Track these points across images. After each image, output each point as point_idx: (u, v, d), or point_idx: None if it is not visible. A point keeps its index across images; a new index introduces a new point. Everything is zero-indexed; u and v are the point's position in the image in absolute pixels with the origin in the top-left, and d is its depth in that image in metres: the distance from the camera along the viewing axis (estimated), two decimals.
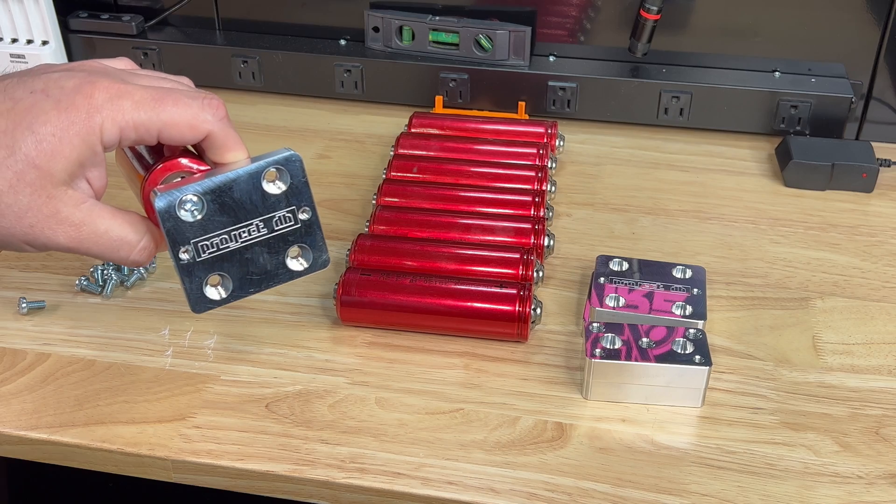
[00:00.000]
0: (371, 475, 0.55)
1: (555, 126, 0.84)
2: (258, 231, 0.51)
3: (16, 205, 0.47)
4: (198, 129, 0.49)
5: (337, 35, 0.94)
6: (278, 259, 0.52)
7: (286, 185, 0.51)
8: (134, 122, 0.47)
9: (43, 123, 0.46)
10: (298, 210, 0.52)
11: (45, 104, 0.47)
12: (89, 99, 0.47)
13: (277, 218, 0.51)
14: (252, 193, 0.50)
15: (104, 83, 0.48)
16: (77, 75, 0.48)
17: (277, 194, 0.51)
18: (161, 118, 0.48)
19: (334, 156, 0.86)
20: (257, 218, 0.51)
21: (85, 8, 0.96)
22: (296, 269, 0.53)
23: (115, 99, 0.47)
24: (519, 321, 0.63)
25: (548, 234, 0.70)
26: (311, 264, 0.53)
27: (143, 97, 0.48)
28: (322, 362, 0.63)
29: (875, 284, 0.71)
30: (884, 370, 0.63)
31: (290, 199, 0.51)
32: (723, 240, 0.75)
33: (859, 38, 0.85)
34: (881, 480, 0.55)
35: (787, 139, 0.84)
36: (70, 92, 0.47)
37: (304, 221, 0.52)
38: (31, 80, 0.48)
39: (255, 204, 0.50)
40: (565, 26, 0.90)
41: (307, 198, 0.52)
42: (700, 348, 0.59)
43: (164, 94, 0.48)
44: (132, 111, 0.47)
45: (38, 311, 0.67)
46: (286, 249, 0.52)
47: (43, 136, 0.46)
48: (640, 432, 0.58)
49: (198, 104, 0.49)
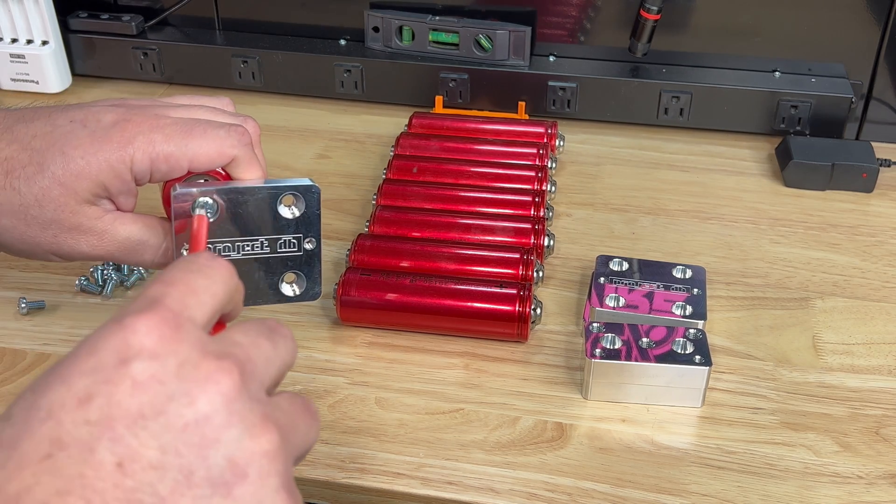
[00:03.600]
0: (371, 475, 0.55)
1: (555, 126, 0.84)
2: (261, 248, 0.52)
3: (41, 217, 0.50)
4: (224, 155, 0.51)
5: (337, 35, 0.94)
6: (272, 280, 0.53)
7: (299, 213, 0.52)
8: (164, 154, 0.49)
9: (75, 147, 0.49)
10: (305, 239, 0.53)
11: (81, 133, 0.50)
12: (122, 133, 0.49)
13: (283, 241, 0.52)
14: (266, 211, 0.51)
15: (139, 119, 0.50)
16: (116, 111, 0.51)
17: (289, 219, 0.52)
18: (190, 149, 0.50)
19: (334, 156, 0.86)
20: (264, 236, 0.52)
21: (85, 8, 0.96)
22: (286, 294, 0.54)
23: (147, 133, 0.50)
24: (519, 321, 0.63)
25: (548, 234, 0.70)
26: (302, 293, 0.54)
27: (173, 131, 0.50)
28: (322, 362, 0.63)
29: (875, 284, 0.71)
30: (884, 370, 0.63)
31: (299, 227, 0.52)
32: (723, 240, 0.75)
33: (859, 38, 0.85)
34: (881, 480, 0.55)
35: (787, 139, 0.84)
36: (106, 125, 0.50)
37: (307, 251, 0.53)
38: (73, 111, 0.51)
39: (266, 222, 0.51)
40: (565, 26, 0.90)
41: (316, 230, 0.53)
42: (700, 348, 0.59)
43: (193, 127, 0.50)
44: (162, 143, 0.49)
45: (38, 311, 0.67)
46: (283, 273, 0.53)
47: (72, 157, 0.49)
48: (640, 432, 0.58)
49: (224, 133, 0.51)
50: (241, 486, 0.32)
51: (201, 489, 0.31)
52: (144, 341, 0.33)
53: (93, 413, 0.31)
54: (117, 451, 0.31)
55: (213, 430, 0.32)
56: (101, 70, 0.97)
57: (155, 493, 0.31)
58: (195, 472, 0.32)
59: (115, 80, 0.98)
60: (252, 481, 0.32)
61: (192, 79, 0.96)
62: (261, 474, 0.33)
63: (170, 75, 0.96)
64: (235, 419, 0.33)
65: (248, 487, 0.32)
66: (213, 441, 0.32)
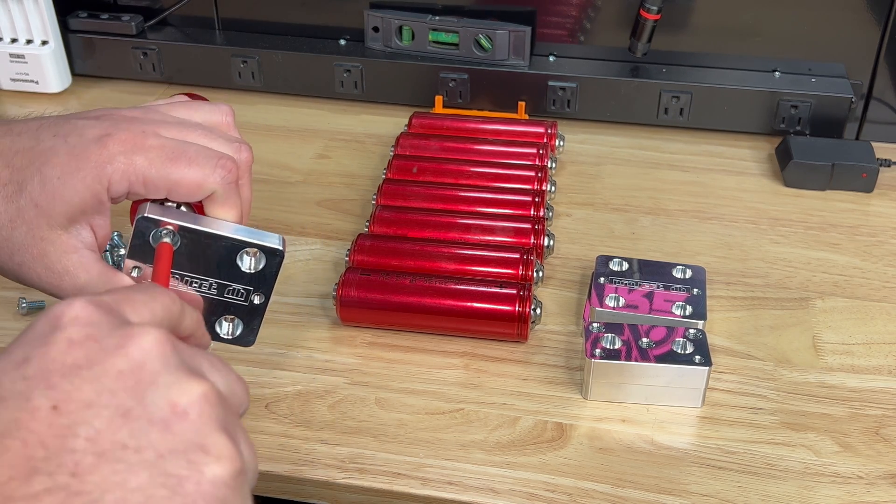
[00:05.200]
0: (371, 475, 0.55)
1: (555, 126, 0.84)
2: (209, 289, 0.51)
3: (11, 240, 0.48)
4: (204, 189, 0.49)
5: (337, 35, 0.94)
6: (211, 319, 0.52)
7: (257, 269, 0.51)
8: (144, 178, 0.48)
9: (52, 167, 0.47)
10: (254, 293, 0.52)
11: (61, 149, 0.47)
12: (103, 150, 0.47)
13: (232, 289, 0.51)
14: (224, 258, 0.50)
15: (122, 136, 0.48)
16: (101, 125, 0.49)
17: (245, 272, 0.51)
18: (171, 178, 0.48)
19: (334, 156, 0.86)
20: (215, 279, 0.51)
21: (85, 8, 0.96)
22: (218, 333, 0.53)
23: (128, 153, 0.47)
24: (519, 321, 0.63)
25: (548, 234, 0.70)
26: (236, 338, 0.53)
27: (157, 156, 0.48)
28: (322, 362, 0.63)
29: (875, 284, 0.71)
30: (884, 370, 0.63)
31: (252, 281, 0.51)
32: (723, 240, 0.75)
33: (859, 38, 0.85)
34: (881, 480, 0.55)
35: (787, 139, 0.84)
36: (88, 141, 0.48)
37: (253, 304, 0.52)
38: (60, 124, 0.49)
39: (221, 268, 0.51)
40: (565, 26, 0.90)
41: (268, 288, 0.52)
42: (700, 348, 0.59)
43: (180, 154, 0.48)
44: (144, 167, 0.48)
45: (38, 311, 0.67)
46: (222, 315, 0.52)
47: (48, 177, 0.47)
48: (640, 432, 0.58)
49: (211, 165, 0.49)
50: (181, 423, 0.33)
51: (139, 423, 0.32)
52: (80, 313, 0.34)
53: (30, 370, 0.33)
54: (52, 395, 0.32)
55: (148, 375, 0.34)
56: (101, 70, 0.97)
57: (90, 428, 0.31)
58: (132, 409, 0.32)
59: (114, 80, 0.98)
60: (192, 420, 0.33)
61: (192, 79, 0.96)
62: (201, 414, 0.33)
63: (170, 75, 0.96)
64: (171, 367, 0.34)
65: (188, 425, 0.33)
66: (150, 384, 0.33)
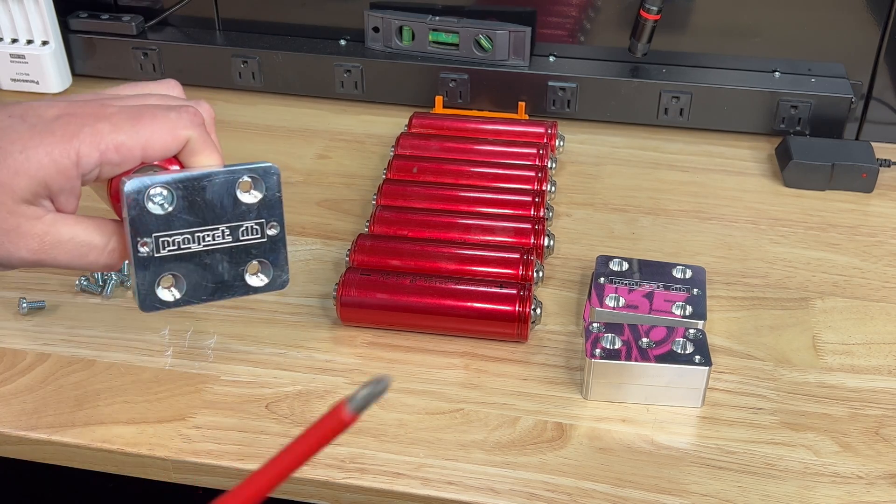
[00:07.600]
0: (371, 475, 0.55)
1: (555, 126, 0.84)
2: (223, 237, 0.50)
3: None
4: (178, 138, 0.48)
5: (337, 35, 0.94)
6: (237, 271, 0.51)
7: (260, 197, 0.50)
8: (115, 144, 0.47)
9: (12, 142, 0.46)
10: (267, 224, 0.51)
11: (21, 127, 0.47)
12: (66, 126, 0.47)
13: (245, 228, 0.50)
14: (224, 197, 0.49)
15: (83, 111, 0.47)
16: (59, 105, 0.48)
17: (250, 204, 0.50)
18: (142, 135, 0.47)
19: (334, 156, 0.86)
20: (225, 224, 0.50)
21: (85, 8, 0.96)
22: (253, 285, 0.52)
23: (92, 124, 0.47)
24: (519, 321, 0.63)
25: (548, 234, 0.70)
26: (269, 282, 0.52)
27: (120, 119, 0.47)
28: (322, 362, 0.63)
29: (875, 284, 0.71)
30: (884, 370, 0.63)
31: (261, 212, 0.50)
32: (723, 240, 0.75)
33: (859, 38, 0.85)
34: (881, 480, 0.55)
35: (787, 139, 0.84)
36: (48, 120, 0.47)
37: (270, 237, 0.51)
38: (12, 107, 0.48)
39: (226, 209, 0.50)
40: (565, 26, 0.90)
41: (278, 214, 0.51)
42: (700, 348, 0.59)
43: (142, 112, 0.48)
44: (111, 133, 0.47)
45: (38, 311, 0.67)
46: (247, 262, 0.51)
47: (10, 153, 0.46)
48: (640, 432, 0.58)
49: (175, 115, 0.49)
50: None
51: None
52: None
53: None
54: None
55: None
56: (102, 70, 0.97)
57: None
58: None
59: (115, 80, 0.98)
60: None
61: (192, 79, 0.96)
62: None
63: (170, 75, 0.96)
64: None
65: None
66: None
